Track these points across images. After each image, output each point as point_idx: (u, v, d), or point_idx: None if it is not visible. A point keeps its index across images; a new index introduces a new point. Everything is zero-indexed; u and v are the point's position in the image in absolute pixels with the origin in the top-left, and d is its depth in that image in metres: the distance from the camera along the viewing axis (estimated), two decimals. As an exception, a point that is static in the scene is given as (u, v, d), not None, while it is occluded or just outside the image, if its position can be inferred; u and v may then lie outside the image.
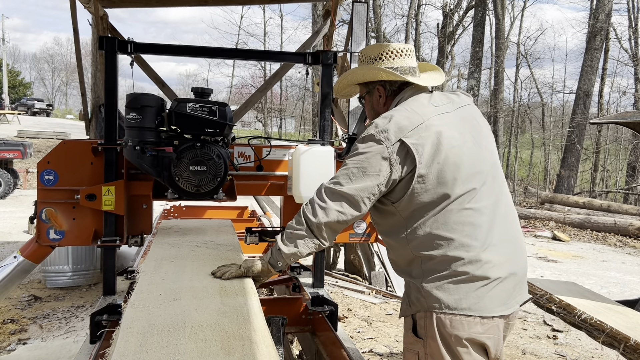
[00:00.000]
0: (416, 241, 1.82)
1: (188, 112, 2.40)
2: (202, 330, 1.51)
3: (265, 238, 2.90)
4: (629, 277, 8.08)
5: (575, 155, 18.13)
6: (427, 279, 1.80)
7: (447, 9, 22.98)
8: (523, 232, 2.54)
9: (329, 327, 2.64)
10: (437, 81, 2.05)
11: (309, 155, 2.56)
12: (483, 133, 1.97)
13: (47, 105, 48.27)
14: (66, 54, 70.07)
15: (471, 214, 1.78)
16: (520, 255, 1.91)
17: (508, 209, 1.91)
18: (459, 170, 1.78)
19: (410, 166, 1.78)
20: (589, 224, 12.55)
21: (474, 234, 1.77)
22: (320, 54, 2.81)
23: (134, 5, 5.93)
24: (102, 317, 2.50)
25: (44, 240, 2.55)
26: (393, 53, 1.98)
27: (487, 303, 1.75)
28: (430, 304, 1.78)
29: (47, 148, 22.25)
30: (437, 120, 1.83)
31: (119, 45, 2.59)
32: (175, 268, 2.12)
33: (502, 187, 1.92)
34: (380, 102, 2.05)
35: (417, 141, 1.77)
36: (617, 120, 3.52)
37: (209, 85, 36.69)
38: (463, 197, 1.78)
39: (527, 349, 4.70)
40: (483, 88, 24.59)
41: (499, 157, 2.02)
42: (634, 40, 21.86)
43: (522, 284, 1.90)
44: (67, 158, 2.54)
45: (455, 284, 1.76)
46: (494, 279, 1.76)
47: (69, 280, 5.72)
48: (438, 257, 1.78)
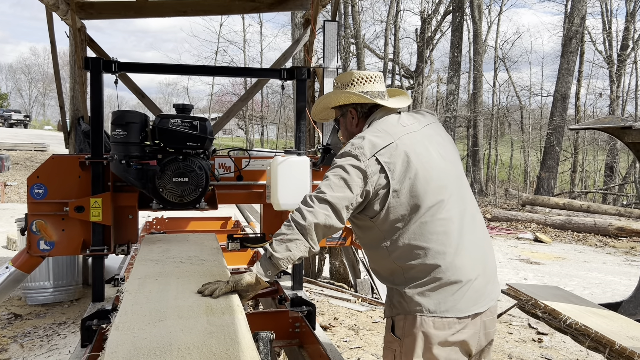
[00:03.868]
0: (397, 252, 1.97)
1: (170, 127, 2.57)
2: (188, 352, 1.48)
3: (247, 244, 3.06)
4: (610, 277, 8.18)
5: (554, 157, 18.36)
6: (409, 286, 1.96)
7: (425, 14, 23.17)
8: (505, 234, 2.61)
9: (316, 340, 2.63)
10: (403, 104, 2.24)
11: (286, 165, 2.73)
12: (447, 148, 2.14)
13: (24, 116, 47.60)
14: (43, 64, 69.08)
15: (443, 224, 1.95)
16: (488, 256, 2.08)
17: (474, 215, 2.08)
18: (428, 184, 1.95)
19: (384, 182, 1.94)
20: (569, 225, 12.70)
21: (447, 241, 1.94)
22: (294, 70, 3.00)
23: (111, 17, 5.87)
24: (92, 322, 2.64)
25: (34, 251, 2.70)
26: (363, 79, 2.17)
27: (463, 305, 1.92)
28: (412, 308, 1.94)
29: (25, 160, 21.89)
30: (406, 139, 2.02)
31: (103, 65, 2.73)
32: (159, 286, 2.09)
33: (467, 195, 2.10)
34: (353, 123, 2.24)
35: (389, 159, 1.95)
36: (596, 125, 3.57)
37: (189, 94, 36.43)
38: (434, 208, 1.95)
39: (513, 353, 4.72)
40: (462, 92, 24.81)
41: (463, 168, 2.23)
42: (608, 43, 22.25)
43: (492, 281, 2.06)
44: (55, 172, 2.70)
45: (434, 290, 1.92)
46: (467, 281, 1.93)
47: (50, 297, 5.60)
48: (418, 266, 1.94)
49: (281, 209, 2.78)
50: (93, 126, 2.72)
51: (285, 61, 6.52)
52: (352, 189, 1.93)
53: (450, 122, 20.59)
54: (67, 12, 5.14)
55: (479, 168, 21.75)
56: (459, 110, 22.80)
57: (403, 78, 24.77)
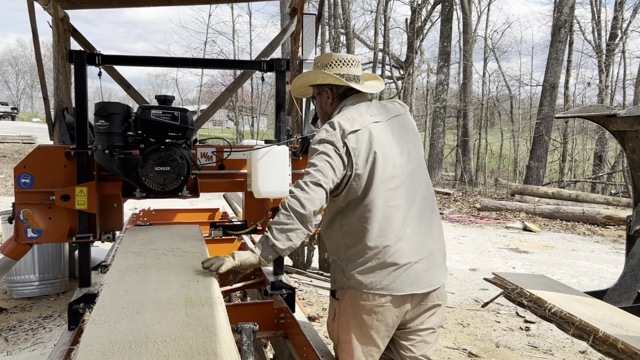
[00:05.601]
0: (345, 228, 2.20)
1: (152, 118, 2.66)
2: (165, 345, 1.46)
3: (229, 232, 3.16)
4: (598, 265, 8.25)
5: (543, 147, 18.43)
6: (350, 263, 2.18)
7: (415, 4, 23.07)
8: (494, 223, 2.60)
9: (301, 332, 2.61)
10: (376, 89, 2.42)
11: (266, 154, 2.82)
12: (409, 141, 2.30)
13: (11, 108, 47.17)
14: (30, 56, 68.15)
15: (389, 210, 2.14)
16: (436, 245, 2.25)
17: (425, 207, 2.25)
18: (383, 173, 2.14)
19: (349, 165, 2.13)
20: (558, 214, 12.78)
21: (390, 227, 2.13)
22: (274, 62, 3.11)
23: (95, 6, 5.78)
24: (79, 306, 2.70)
25: (22, 238, 2.76)
26: (341, 62, 2.31)
27: (399, 284, 2.12)
28: (351, 284, 2.17)
29: (12, 153, 21.68)
30: (372, 128, 2.18)
31: (87, 57, 2.79)
32: (139, 279, 2.06)
33: (421, 188, 2.26)
34: (327, 103, 2.39)
35: (355, 145, 2.13)
36: (582, 114, 3.56)
37: (178, 85, 36.11)
38: (385, 196, 2.14)
39: (500, 342, 4.75)
40: (452, 82, 24.84)
41: (425, 161, 2.39)
42: (597, 33, 22.28)
43: (436, 268, 2.24)
44: (42, 162, 2.77)
45: (372, 269, 2.13)
46: (404, 264, 2.12)
47: (36, 290, 5.55)
48: (359, 246, 2.15)
49: (262, 197, 2.89)
50: (77, 118, 2.80)
51: (273, 51, 6.46)
52: (336, 172, 2.11)
53: (440, 112, 20.62)
54: (49, 1, 5.05)
55: (469, 158, 21.81)
56: (449, 100, 22.82)
57: (393, 68, 24.70)
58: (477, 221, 12.58)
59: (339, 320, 2.28)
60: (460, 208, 14.67)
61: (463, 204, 15.32)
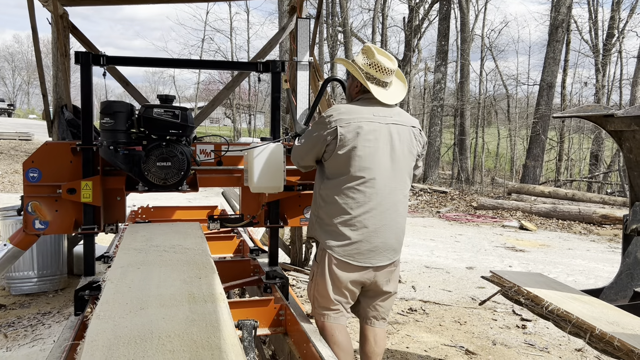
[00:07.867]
0: (324, 191, 2.71)
1: (154, 116, 2.81)
2: (169, 340, 1.48)
3: (226, 224, 3.37)
4: (594, 264, 8.29)
5: (540, 146, 18.48)
6: (320, 221, 2.74)
7: (413, 2, 23.10)
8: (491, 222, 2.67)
9: (301, 328, 2.64)
10: (390, 101, 2.74)
11: (262, 152, 3.02)
12: (396, 150, 2.68)
13: (8, 105, 47.05)
14: (27, 52, 67.95)
15: (356, 193, 2.61)
16: (396, 233, 2.72)
17: (396, 203, 2.69)
18: (359, 161, 2.60)
19: (334, 144, 2.61)
20: (554, 213, 12.83)
21: (353, 206, 2.61)
22: (270, 64, 3.30)
23: (94, 4, 5.79)
24: (84, 293, 2.87)
25: (30, 229, 2.94)
26: (377, 67, 2.69)
27: (360, 258, 2.65)
28: (323, 242, 2.71)
29: (9, 149, 21.62)
30: (365, 125, 2.61)
31: (92, 59, 2.96)
32: (142, 275, 2.08)
33: (397, 188, 2.70)
34: (352, 86, 2.84)
35: (344, 132, 2.60)
36: (579, 113, 3.58)
37: (175, 82, 36.08)
38: (356, 179, 2.60)
39: (497, 339, 4.78)
40: (449, 81, 24.85)
41: (408, 170, 2.78)
42: (594, 32, 22.34)
43: (392, 250, 2.73)
44: (49, 157, 2.94)
45: (337, 237, 2.65)
46: (360, 240, 2.62)
47: (34, 287, 5.56)
48: (326, 210, 2.69)
49: (257, 192, 3.10)
50: (83, 116, 2.98)
51: (271, 49, 6.48)
52: (319, 144, 2.67)
53: (438, 110, 20.64)
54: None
55: (466, 157, 21.84)
56: (446, 99, 22.83)
57: (391, 67, 24.67)
58: (473, 220, 12.63)
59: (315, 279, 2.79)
60: (457, 207, 14.71)
61: (460, 202, 15.36)
